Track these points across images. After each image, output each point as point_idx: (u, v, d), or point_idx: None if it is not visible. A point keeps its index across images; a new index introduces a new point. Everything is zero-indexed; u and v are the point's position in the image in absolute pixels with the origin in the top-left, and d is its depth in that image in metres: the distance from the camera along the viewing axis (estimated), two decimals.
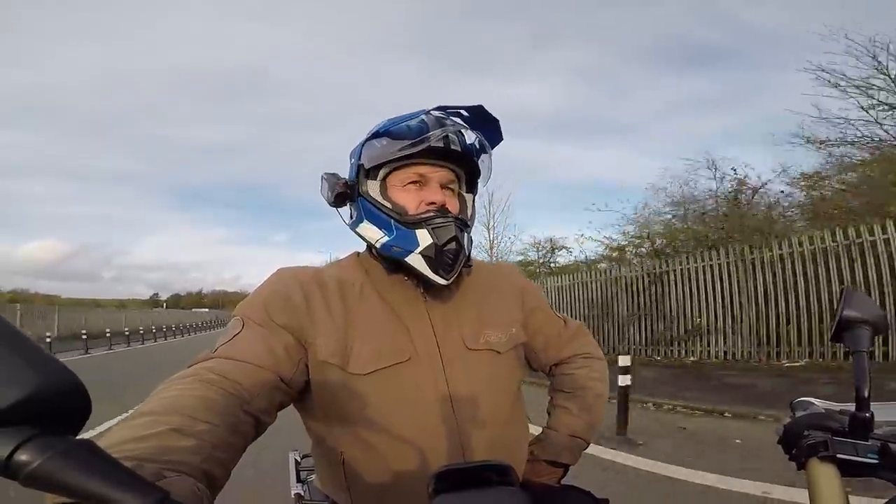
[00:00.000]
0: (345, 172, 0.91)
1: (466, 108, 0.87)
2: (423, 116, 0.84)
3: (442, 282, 0.81)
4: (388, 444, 0.77)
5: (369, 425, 0.77)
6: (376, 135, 0.85)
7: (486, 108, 0.87)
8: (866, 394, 0.64)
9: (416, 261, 0.80)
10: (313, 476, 1.01)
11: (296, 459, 1.25)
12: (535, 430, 0.99)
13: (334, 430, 0.79)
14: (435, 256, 0.80)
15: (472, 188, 0.92)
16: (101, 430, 3.91)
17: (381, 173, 0.85)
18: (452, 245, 0.80)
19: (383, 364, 0.78)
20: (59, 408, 0.31)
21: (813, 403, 0.73)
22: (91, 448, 0.31)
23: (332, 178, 0.89)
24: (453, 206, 0.85)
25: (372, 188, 0.85)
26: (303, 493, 1.05)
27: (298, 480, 1.14)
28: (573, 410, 0.98)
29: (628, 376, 4.43)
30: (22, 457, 0.29)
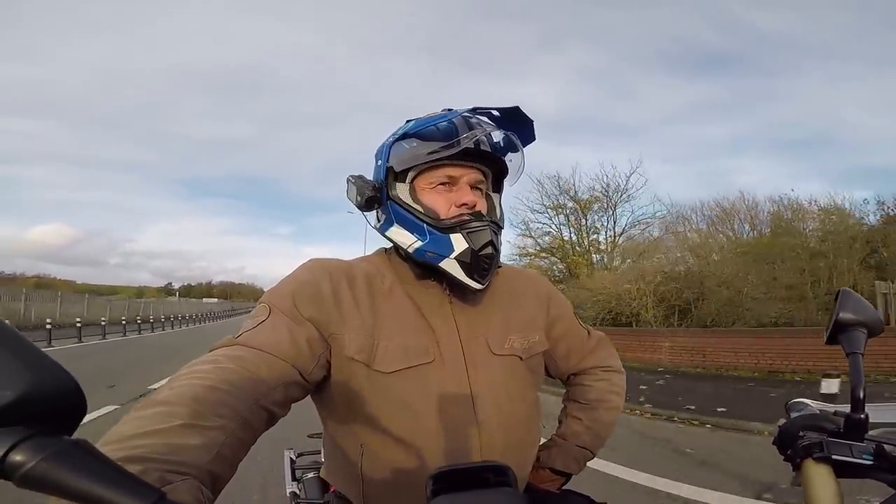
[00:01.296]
0: (350, 170, 0.89)
1: (499, 109, 0.85)
2: (451, 116, 0.81)
3: (477, 286, 0.79)
4: (407, 441, 0.75)
5: (390, 422, 0.75)
6: (405, 136, 0.82)
7: (522, 109, 0.84)
8: (861, 395, 0.63)
9: (450, 266, 0.78)
10: (309, 474, 1.00)
11: (291, 458, 1.24)
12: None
13: (355, 424, 0.78)
14: (471, 262, 0.77)
15: (499, 187, 0.90)
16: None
17: (410, 175, 0.82)
18: (489, 250, 0.78)
19: (408, 364, 0.77)
20: (55, 408, 0.30)
21: (808, 405, 0.72)
22: (86, 448, 0.31)
23: (359, 181, 0.86)
24: (483, 206, 0.83)
25: (402, 191, 0.82)
26: (298, 492, 1.03)
27: (294, 479, 1.13)
28: (585, 421, 0.97)
29: None
30: (17, 457, 0.28)
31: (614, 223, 17.12)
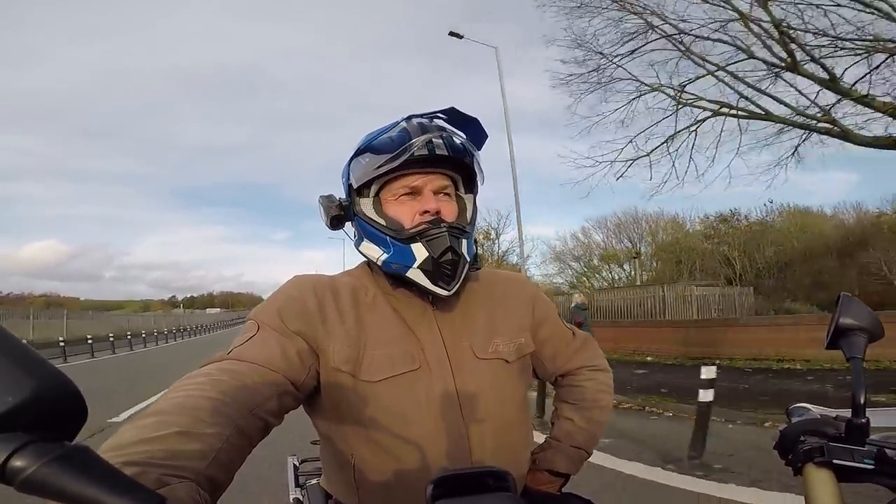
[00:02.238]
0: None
1: (442, 112, 0.83)
2: (405, 124, 0.81)
3: (443, 293, 0.79)
4: (397, 447, 0.76)
5: (379, 429, 0.76)
6: (359, 151, 0.83)
7: (458, 108, 0.83)
8: (862, 400, 0.62)
9: (415, 275, 0.79)
10: (312, 481, 0.99)
11: (294, 464, 1.23)
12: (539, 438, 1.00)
13: (345, 432, 0.78)
14: (433, 269, 0.78)
15: (472, 188, 0.89)
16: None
17: (374, 189, 0.82)
18: (448, 256, 0.78)
19: (394, 372, 0.77)
20: (55, 413, 0.30)
21: (809, 409, 0.71)
22: (86, 453, 0.31)
23: (326, 200, 0.87)
24: (449, 211, 0.82)
25: (365, 206, 0.83)
26: (301, 498, 1.02)
27: (297, 485, 1.12)
28: (577, 422, 0.96)
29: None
30: (17, 463, 0.28)
31: (497, 249, 24.45)
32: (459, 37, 11.47)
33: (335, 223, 0.86)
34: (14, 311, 22.93)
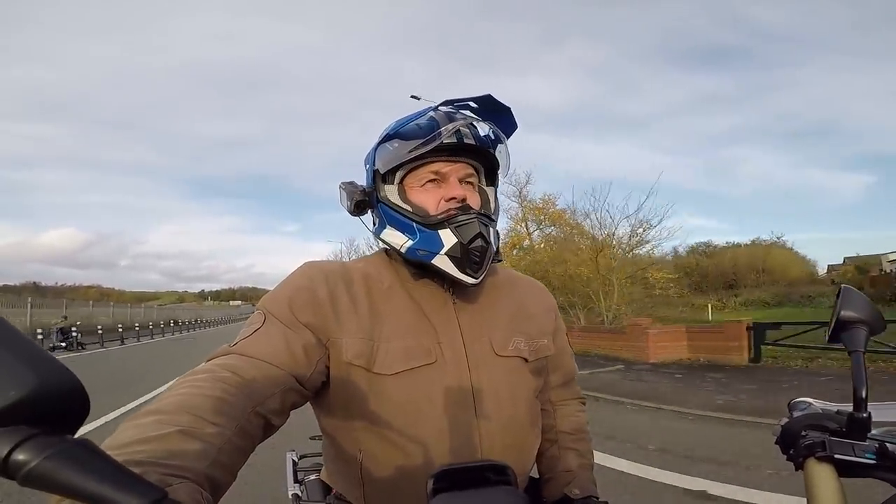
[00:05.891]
0: (358, 170, 0.86)
1: (474, 100, 0.79)
2: (432, 113, 0.78)
3: (471, 281, 0.75)
4: (407, 443, 0.71)
5: (390, 425, 0.71)
6: (387, 137, 0.79)
7: (494, 97, 0.79)
8: (864, 394, 0.60)
9: (442, 262, 0.74)
10: (311, 476, 0.96)
11: (293, 460, 1.20)
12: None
13: (354, 427, 0.73)
14: (461, 256, 0.73)
15: (493, 181, 0.86)
16: None
17: (398, 176, 0.79)
18: (478, 242, 0.74)
19: (410, 365, 0.73)
20: (58, 408, 0.29)
21: (811, 403, 0.68)
22: (89, 448, 0.29)
23: (349, 186, 0.82)
24: (474, 200, 0.79)
25: (390, 192, 0.79)
26: (300, 494, 0.98)
27: (296, 481, 1.09)
28: (582, 452, 0.90)
29: None
30: (19, 456, 0.27)
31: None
32: (417, 98, 13.64)
33: (358, 209, 0.82)
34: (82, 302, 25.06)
